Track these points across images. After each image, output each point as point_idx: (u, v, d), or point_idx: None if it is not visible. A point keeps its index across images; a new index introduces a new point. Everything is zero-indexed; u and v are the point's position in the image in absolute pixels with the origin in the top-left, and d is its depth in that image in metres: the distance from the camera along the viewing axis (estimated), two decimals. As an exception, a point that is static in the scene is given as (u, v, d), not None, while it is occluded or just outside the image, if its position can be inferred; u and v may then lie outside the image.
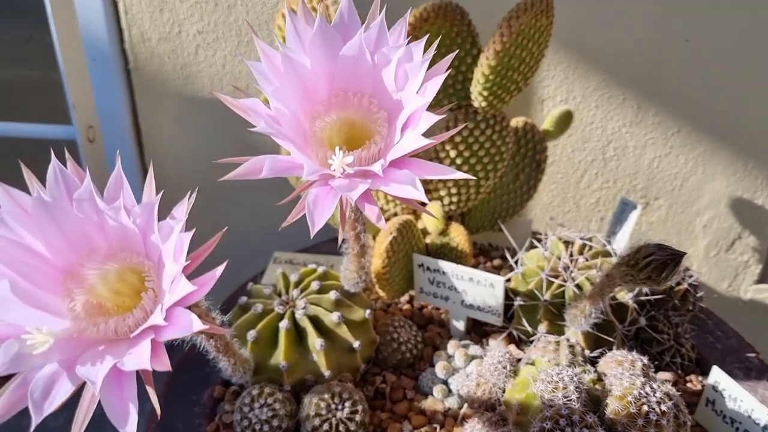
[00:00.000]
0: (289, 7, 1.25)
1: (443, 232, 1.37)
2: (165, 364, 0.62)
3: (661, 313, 1.27)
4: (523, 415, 1.01)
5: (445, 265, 1.27)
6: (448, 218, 1.43)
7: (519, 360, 1.18)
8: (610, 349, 1.21)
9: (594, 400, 0.99)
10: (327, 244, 1.63)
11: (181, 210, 0.67)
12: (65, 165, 0.67)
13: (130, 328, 0.68)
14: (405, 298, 1.44)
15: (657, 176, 1.65)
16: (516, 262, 1.31)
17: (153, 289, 0.69)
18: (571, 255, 1.27)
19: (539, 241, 1.34)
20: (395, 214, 1.43)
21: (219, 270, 0.66)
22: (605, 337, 1.19)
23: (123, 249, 0.70)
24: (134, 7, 1.57)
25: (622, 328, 1.20)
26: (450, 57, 0.75)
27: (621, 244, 1.43)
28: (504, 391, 1.09)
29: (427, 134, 0.74)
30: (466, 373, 1.22)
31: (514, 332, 1.28)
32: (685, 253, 0.90)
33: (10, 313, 0.62)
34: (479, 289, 1.27)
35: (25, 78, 1.89)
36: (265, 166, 0.68)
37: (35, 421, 0.59)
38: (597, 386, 1.02)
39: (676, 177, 1.64)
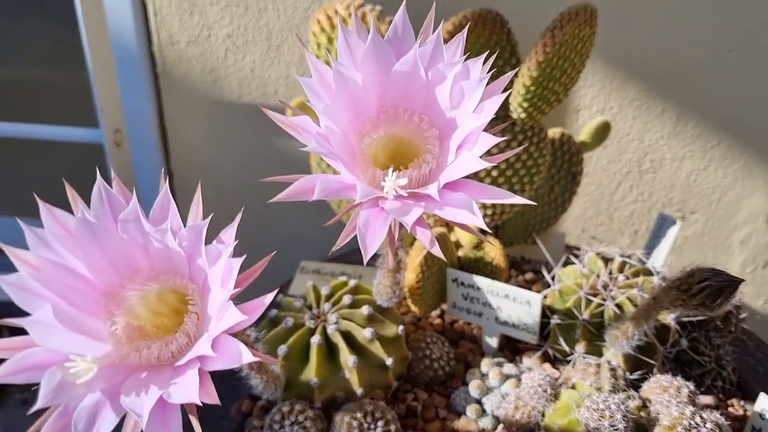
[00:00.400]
0: (330, 12, 1.22)
1: (477, 246, 1.34)
2: (213, 397, 0.59)
3: (703, 335, 1.23)
4: (565, 441, 0.98)
5: (480, 281, 1.24)
6: (482, 232, 1.39)
7: (556, 379, 1.15)
8: (650, 371, 1.17)
9: (640, 428, 0.96)
10: (354, 253, 1.60)
11: (230, 234, 0.64)
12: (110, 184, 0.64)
13: (173, 354, 0.65)
14: (436, 312, 1.40)
15: (694, 190, 1.61)
16: (552, 278, 1.27)
17: (196, 313, 0.66)
18: (611, 273, 1.23)
19: (576, 256, 1.30)
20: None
21: (268, 298, 0.63)
22: (646, 359, 1.15)
23: (166, 271, 0.67)
24: (164, 9, 1.55)
25: (663, 350, 1.17)
26: (509, 75, 0.72)
27: (659, 260, 1.39)
28: (544, 415, 1.06)
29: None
30: (501, 392, 1.19)
31: (550, 351, 1.25)
32: (742, 280, 0.87)
33: (52, 339, 0.59)
34: (515, 306, 1.23)
35: (51, 79, 1.87)
36: (316, 188, 0.65)
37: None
38: (642, 413, 0.99)
39: (714, 191, 1.60)
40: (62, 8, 1.63)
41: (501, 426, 1.15)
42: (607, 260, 1.27)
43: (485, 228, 0.66)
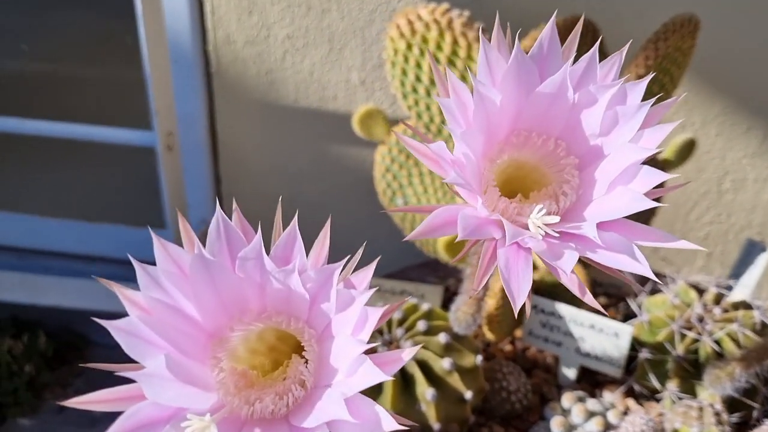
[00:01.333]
0: (412, 17, 1.14)
1: (557, 270, 1.25)
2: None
3: (801, 374, 1.14)
4: (676, 496, 0.89)
5: (564, 309, 1.16)
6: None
7: (657, 420, 1.06)
8: (749, 414, 1.09)
9: (762, 486, 0.87)
10: (414, 269, 1.52)
11: (363, 278, 0.56)
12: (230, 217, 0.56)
13: (289, 406, 0.57)
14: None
15: (776, 213, 1.52)
16: (639, 307, 1.19)
17: (312, 362, 0.58)
18: (705, 305, 1.14)
19: (661, 283, 1.22)
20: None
21: (407, 353, 0.55)
22: (746, 401, 1.07)
23: (279, 312, 0.59)
24: (222, 7, 1.47)
25: (766, 391, 1.08)
26: (671, 102, 0.64)
27: (747, 290, 1.30)
28: (644, 463, 0.97)
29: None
30: (586, 431, 1.10)
31: (636, 386, 1.16)
32: None
33: (164, 393, 0.52)
34: (600, 337, 1.15)
35: (98, 77, 1.80)
36: (459, 226, 0.57)
37: None
38: (759, 467, 0.90)
39: (798, 215, 1.51)
40: (114, 3, 1.56)
41: (588, 469, 1.06)
42: (700, 291, 1.19)
43: (653, 277, 0.57)
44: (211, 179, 1.67)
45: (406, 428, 0.51)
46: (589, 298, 0.60)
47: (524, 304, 0.61)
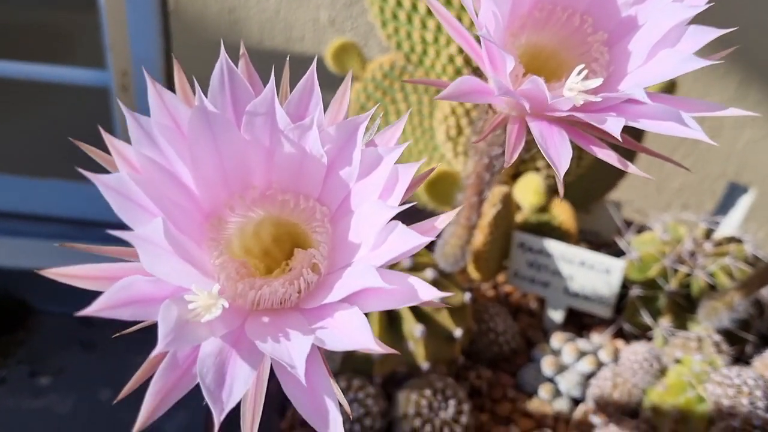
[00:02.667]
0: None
1: (543, 209, 1.20)
2: (382, 344, 0.44)
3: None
4: (684, 423, 0.85)
5: (553, 246, 1.11)
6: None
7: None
8: (741, 348, 1.06)
9: None
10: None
11: (391, 135, 0.49)
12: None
13: (301, 292, 0.49)
14: (487, 283, 1.26)
15: (750, 161, 1.51)
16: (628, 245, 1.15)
17: (324, 244, 0.51)
18: (695, 239, 1.11)
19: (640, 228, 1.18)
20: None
21: (442, 220, 0.48)
22: (741, 333, 1.04)
23: (286, 190, 0.51)
24: (181, -63, 1.37)
25: (760, 323, 1.05)
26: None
27: (728, 230, 1.28)
28: (645, 393, 0.93)
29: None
30: (577, 370, 1.06)
31: (625, 326, 1.12)
32: None
33: (161, 264, 0.43)
34: (591, 275, 1.10)
35: (45, 17, 1.66)
36: (494, 85, 0.50)
37: (217, 418, 0.40)
38: (767, 392, 0.87)
39: (771, 163, 1.50)
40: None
41: (582, 408, 1.02)
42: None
43: (706, 139, 0.52)
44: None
45: (447, 296, 0.44)
46: (632, 169, 0.54)
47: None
